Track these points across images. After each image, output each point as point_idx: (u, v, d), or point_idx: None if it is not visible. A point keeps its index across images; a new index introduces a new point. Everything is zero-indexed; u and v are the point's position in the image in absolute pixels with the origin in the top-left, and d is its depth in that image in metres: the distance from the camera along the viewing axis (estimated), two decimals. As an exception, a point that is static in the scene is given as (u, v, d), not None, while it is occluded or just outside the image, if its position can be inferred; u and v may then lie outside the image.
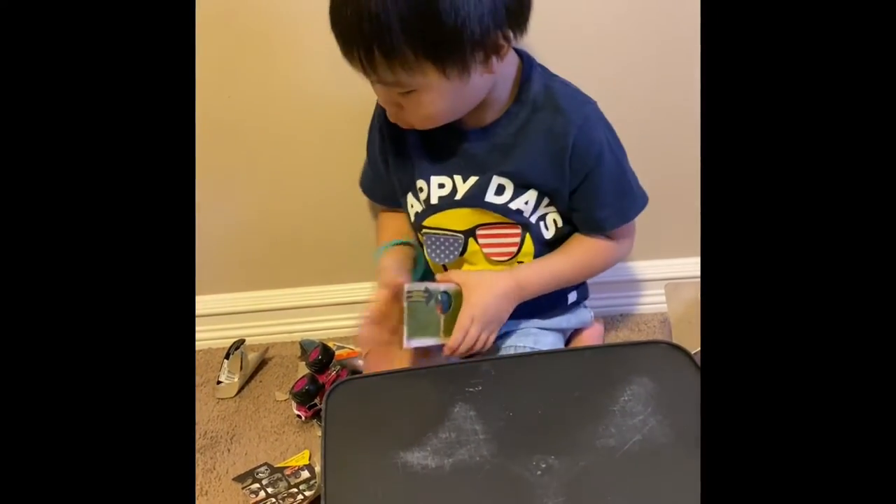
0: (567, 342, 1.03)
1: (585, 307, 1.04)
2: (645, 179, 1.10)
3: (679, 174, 1.14)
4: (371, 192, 1.01)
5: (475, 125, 0.86)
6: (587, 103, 0.87)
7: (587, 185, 0.88)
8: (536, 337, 0.94)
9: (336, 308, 1.25)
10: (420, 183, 0.89)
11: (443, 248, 0.93)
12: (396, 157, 0.91)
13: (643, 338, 1.19)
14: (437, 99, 0.77)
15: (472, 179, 0.87)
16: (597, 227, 0.92)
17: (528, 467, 0.61)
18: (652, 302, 1.30)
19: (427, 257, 0.95)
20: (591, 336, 1.05)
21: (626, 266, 1.30)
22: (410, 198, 0.92)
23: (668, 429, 0.65)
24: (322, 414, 0.68)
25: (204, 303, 1.24)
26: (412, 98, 0.77)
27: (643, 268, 1.30)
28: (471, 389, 0.70)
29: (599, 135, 0.87)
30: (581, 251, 0.94)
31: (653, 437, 0.64)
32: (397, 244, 0.96)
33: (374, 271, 0.92)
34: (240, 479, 0.97)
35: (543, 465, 0.61)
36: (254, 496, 0.93)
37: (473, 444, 0.64)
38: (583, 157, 0.86)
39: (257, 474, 0.97)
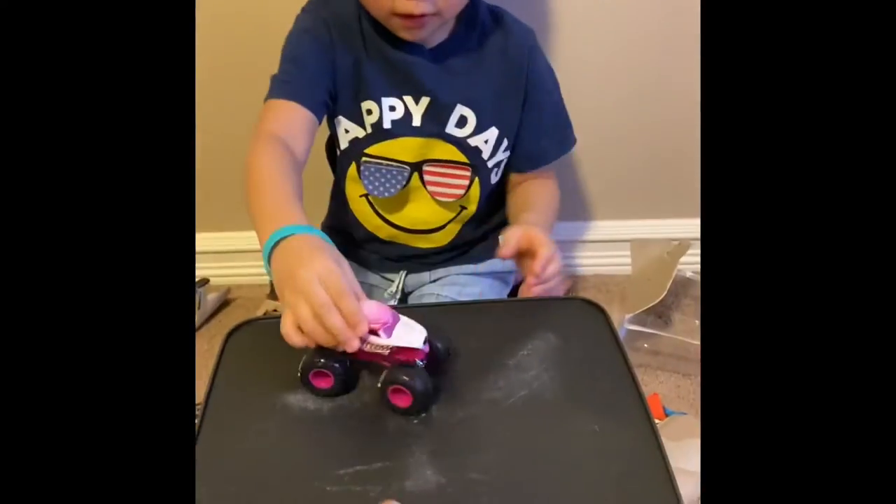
0: (514, 289, 1.02)
1: None
2: (641, 142, 1.10)
3: (675, 138, 1.14)
4: (302, 94, 0.81)
5: (425, 45, 0.84)
6: (531, 30, 0.89)
7: (534, 112, 0.89)
8: (462, 288, 0.93)
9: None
10: (368, 105, 0.86)
11: (384, 179, 0.89)
12: (344, 67, 0.85)
13: (602, 298, 1.17)
14: None
15: (425, 101, 0.85)
16: (538, 158, 0.92)
17: (407, 416, 0.60)
18: (622, 263, 1.28)
19: (360, 184, 0.90)
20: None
21: (595, 225, 1.28)
22: (345, 122, 0.87)
23: (558, 385, 0.63)
24: (217, 353, 0.68)
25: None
26: None
27: (613, 227, 1.28)
28: (372, 337, 0.69)
29: (545, 61, 0.90)
30: (548, 193, 0.94)
31: (539, 393, 0.62)
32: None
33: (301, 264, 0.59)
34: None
35: (423, 415, 0.60)
36: (191, 431, 0.95)
37: (357, 392, 0.63)
38: (536, 80, 0.88)
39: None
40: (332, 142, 0.93)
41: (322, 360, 0.61)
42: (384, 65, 0.85)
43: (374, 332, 0.59)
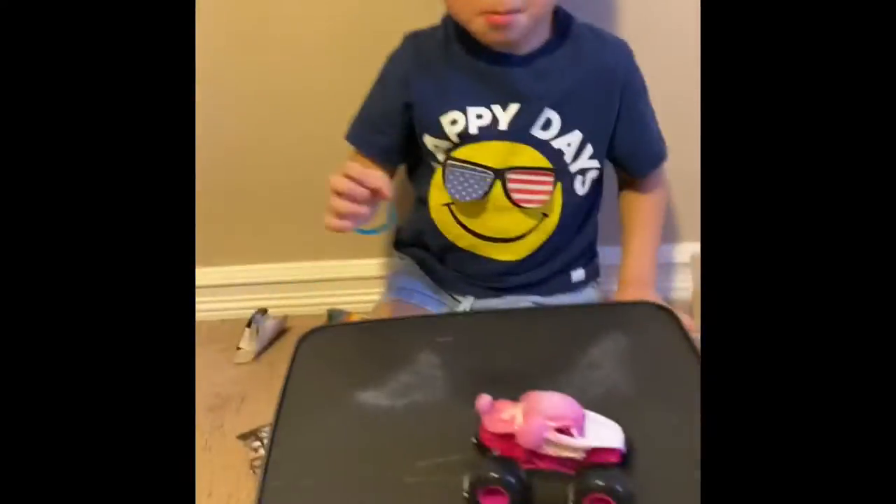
0: None
1: (593, 288, 0.98)
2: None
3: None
4: (367, 143, 0.93)
5: (516, 52, 0.86)
6: (625, 42, 0.92)
7: (638, 118, 0.91)
8: None
9: (359, 282, 1.27)
10: (453, 115, 0.87)
11: (468, 184, 0.88)
12: (423, 95, 0.88)
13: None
14: None
15: (514, 108, 0.86)
16: (657, 159, 0.95)
17: (479, 411, 0.60)
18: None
19: (444, 192, 0.89)
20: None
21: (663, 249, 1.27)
22: (430, 139, 0.89)
23: (633, 384, 0.62)
24: (291, 356, 0.69)
25: (230, 273, 1.28)
26: None
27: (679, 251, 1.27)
28: (441, 340, 0.69)
29: (637, 66, 0.91)
30: (655, 215, 0.98)
31: (615, 391, 0.61)
32: None
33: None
34: (243, 437, 0.99)
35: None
36: (254, 453, 0.95)
37: (430, 389, 0.63)
38: (633, 85, 0.90)
39: (260, 433, 0.99)
40: (414, 160, 0.95)
41: (495, 475, 0.50)
42: (473, 76, 0.87)
43: (564, 430, 0.51)
